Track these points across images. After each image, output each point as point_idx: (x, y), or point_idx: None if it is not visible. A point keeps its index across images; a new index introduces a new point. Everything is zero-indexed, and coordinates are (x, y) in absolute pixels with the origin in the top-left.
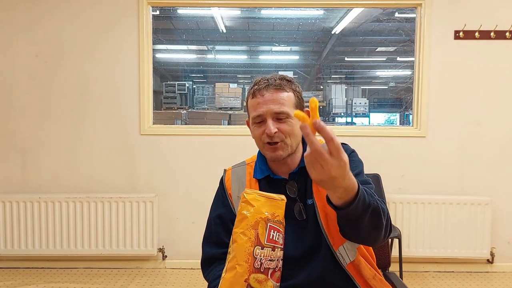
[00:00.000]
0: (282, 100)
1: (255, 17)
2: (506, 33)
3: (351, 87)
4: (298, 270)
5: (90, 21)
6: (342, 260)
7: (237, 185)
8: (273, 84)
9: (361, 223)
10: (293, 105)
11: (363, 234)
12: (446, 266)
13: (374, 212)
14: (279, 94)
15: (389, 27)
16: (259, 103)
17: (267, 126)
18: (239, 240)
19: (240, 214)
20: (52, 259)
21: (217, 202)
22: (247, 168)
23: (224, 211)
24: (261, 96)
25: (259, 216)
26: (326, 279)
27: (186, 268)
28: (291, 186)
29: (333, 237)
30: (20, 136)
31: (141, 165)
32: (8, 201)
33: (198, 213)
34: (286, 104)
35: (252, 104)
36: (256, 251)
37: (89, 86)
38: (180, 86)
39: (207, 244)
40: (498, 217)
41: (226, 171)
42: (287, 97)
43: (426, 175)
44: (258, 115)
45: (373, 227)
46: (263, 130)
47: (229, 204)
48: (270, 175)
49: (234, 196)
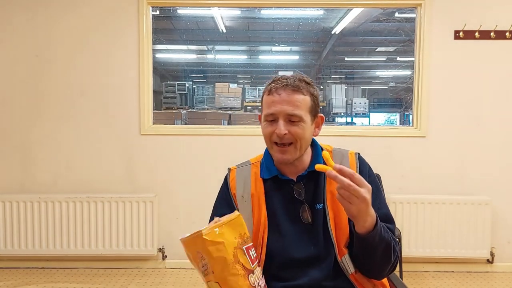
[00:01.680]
0: (298, 102)
1: (255, 17)
2: (506, 33)
3: (351, 87)
4: (300, 272)
5: (90, 21)
6: (346, 269)
7: (242, 185)
8: (291, 85)
9: (375, 252)
10: (308, 109)
11: (373, 264)
12: (446, 266)
13: (387, 246)
14: (295, 96)
15: (389, 27)
16: (274, 101)
17: (278, 126)
18: (234, 283)
19: (218, 259)
20: (52, 259)
21: (221, 201)
22: (252, 168)
23: (228, 212)
24: (277, 95)
25: (233, 248)
26: (329, 284)
27: (186, 268)
28: (299, 188)
29: (340, 246)
30: (20, 136)
31: (141, 165)
32: (8, 201)
33: (198, 213)
34: (300, 107)
35: (267, 101)
36: (251, 279)
37: (89, 86)
38: (180, 86)
39: None
40: (498, 217)
41: (230, 170)
42: (303, 100)
43: (426, 175)
44: (271, 113)
45: (384, 261)
46: (274, 130)
47: (232, 204)
48: (278, 175)
49: (238, 196)
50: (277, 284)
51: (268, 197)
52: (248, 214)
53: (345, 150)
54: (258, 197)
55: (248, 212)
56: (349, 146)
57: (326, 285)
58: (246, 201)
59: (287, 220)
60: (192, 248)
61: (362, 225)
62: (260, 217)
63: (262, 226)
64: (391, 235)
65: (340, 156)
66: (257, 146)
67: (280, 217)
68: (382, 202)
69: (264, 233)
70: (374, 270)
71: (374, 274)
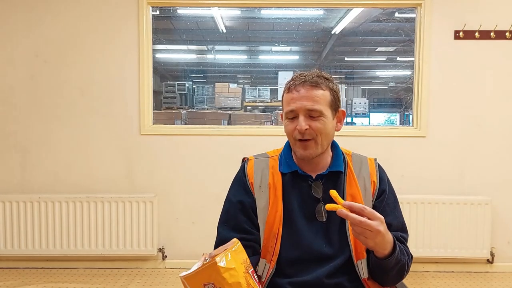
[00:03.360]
0: (317, 97)
1: (255, 17)
2: (506, 33)
3: (351, 87)
4: (308, 269)
5: (90, 21)
6: (360, 273)
7: (260, 175)
8: (310, 81)
9: (390, 272)
10: (328, 103)
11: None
12: (446, 266)
13: (402, 267)
14: (314, 91)
15: (389, 27)
16: (293, 98)
17: (298, 122)
18: None
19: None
20: (52, 259)
21: (238, 188)
22: (270, 161)
23: (246, 198)
24: (297, 92)
25: (242, 272)
26: (335, 282)
27: (186, 268)
28: (317, 186)
29: (356, 249)
30: (20, 136)
31: (141, 165)
32: (8, 201)
33: (198, 213)
34: (320, 102)
35: (287, 98)
36: None
37: (89, 86)
38: (180, 86)
39: (224, 228)
40: (498, 217)
41: (248, 160)
42: (322, 95)
43: (426, 175)
44: (291, 110)
45: (396, 278)
46: (295, 126)
47: (250, 192)
48: (298, 170)
49: (256, 186)
50: (282, 280)
51: (285, 192)
52: (264, 203)
53: (364, 156)
54: (275, 189)
55: (265, 201)
56: (349, 146)
57: (332, 282)
58: (264, 191)
59: (302, 217)
60: (199, 281)
61: (382, 252)
62: (277, 209)
63: (278, 219)
64: (406, 251)
65: (359, 162)
66: (257, 146)
67: (295, 213)
68: (399, 211)
69: (279, 226)
70: (386, 283)
71: (385, 284)
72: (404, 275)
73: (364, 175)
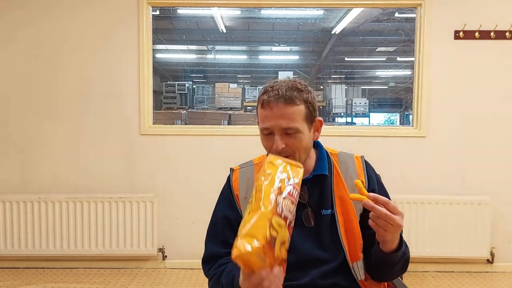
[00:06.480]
0: (292, 115)
1: (255, 17)
2: (506, 33)
3: (351, 87)
4: (302, 273)
5: (90, 21)
6: (356, 275)
7: (245, 186)
8: (283, 97)
9: (395, 267)
10: (303, 118)
11: (390, 275)
12: (446, 266)
13: (406, 261)
14: (288, 109)
15: (389, 27)
16: (267, 116)
17: (274, 141)
18: (264, 188)
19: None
20: (52, 259)
21: (224, 202)
22: (255, 169)
23: (231, 213)
24: (270, 109)
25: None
26: (329, 282)
27: (186, 268)
28: (302, 191)
29: (351, 251)
30: (20, 136)
31: (141, 165)
32: (8, 201)
33: (198, 213)
34: (295, 119)
35: (261, 114)
36: (278, 199)
37: (89, 86)
38: (180, 86)
39: (212, 242)
40: (498, 217)
41: (233, 171)
42: (298, 110)
43: (426, 175)
44: (266, 127)
45: (400, 272)
46: (271, 144)
47: (235, 206)
48: None
49: (241, 197)
50: None
51: None
52: None
53: (350, 154)
54: None
55: None
56: (349, 146)
57: (326, 283)
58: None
59: None
60: None
61: (390, 247)
62: None
63: None
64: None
65: (345, 161)
66: (257, 146)
67: None
68: None
69: None
70: (388, 278)
71: (386, 280)
72: (406, 269)
73: (351, 175)
